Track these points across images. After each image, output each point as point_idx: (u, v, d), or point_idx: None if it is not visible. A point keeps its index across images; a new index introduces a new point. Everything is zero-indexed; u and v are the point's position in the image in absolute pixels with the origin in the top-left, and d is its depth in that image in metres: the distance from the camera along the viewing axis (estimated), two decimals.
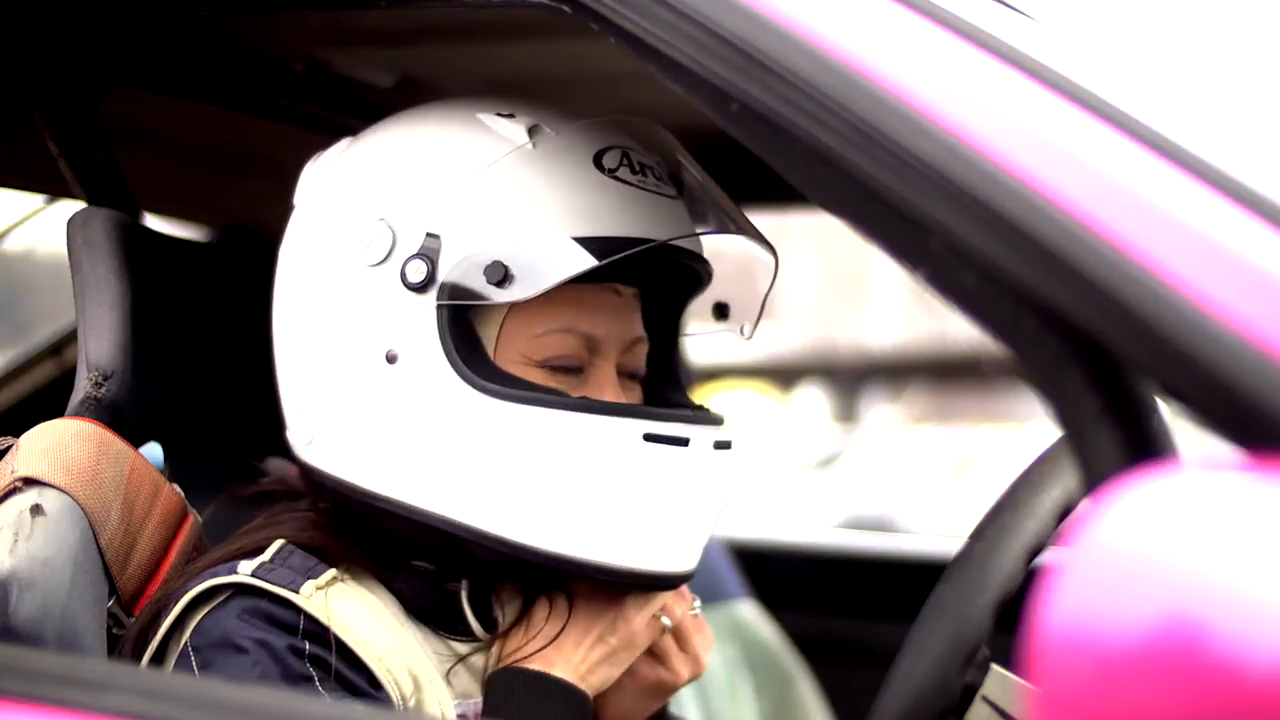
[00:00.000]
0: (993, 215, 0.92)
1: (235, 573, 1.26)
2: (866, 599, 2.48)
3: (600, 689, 1.34)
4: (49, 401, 1.48)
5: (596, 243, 1.24)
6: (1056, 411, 0.93)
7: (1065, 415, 0.92)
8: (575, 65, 1.74)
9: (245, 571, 1.26)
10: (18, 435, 1.34)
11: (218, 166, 2.14)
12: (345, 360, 1.29)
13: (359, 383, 1.28)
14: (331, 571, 1.28)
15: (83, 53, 1.63)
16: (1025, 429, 10.91)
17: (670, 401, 1.41)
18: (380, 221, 1.28)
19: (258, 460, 1.52)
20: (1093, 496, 0.89)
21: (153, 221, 1.71)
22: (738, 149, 1.06)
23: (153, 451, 1.47)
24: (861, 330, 15.99)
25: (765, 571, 2.40)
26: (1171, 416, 0.92)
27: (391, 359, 1.26)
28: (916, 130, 0.96)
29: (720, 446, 1.31)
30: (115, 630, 1.33)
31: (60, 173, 1.60)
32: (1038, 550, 1.15)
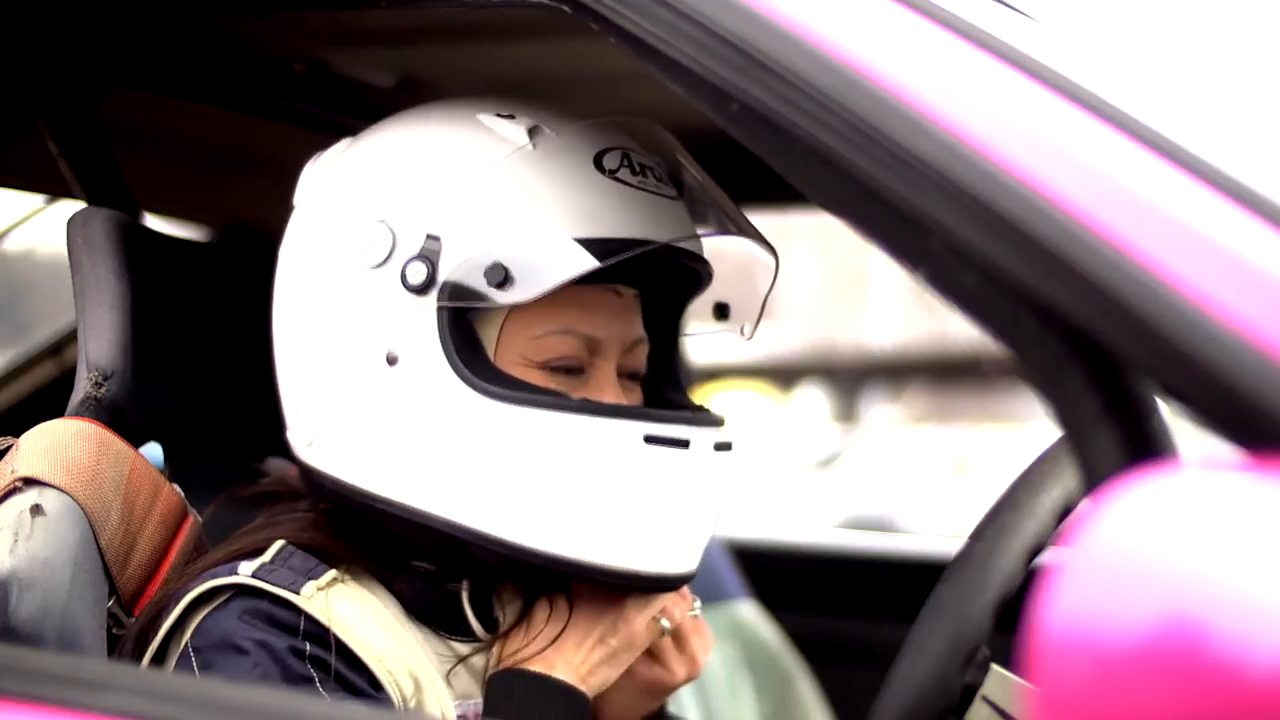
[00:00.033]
0: (993, 215, 0.92)
1: (236, 574, 1.26)
2: (866, 599, 2.48)
3: (600, 690, 1.34)
4: (49, 401, 1.48)
5: (598, 244, 1.24)
6: (1056, 411, 0.93)
7: (1065, 415, 0.92)
8: (575, 65, 1.74)
9: (246, 572, 1.26)
10: (18, 435, 1.34)
11: (218, 166, 2.14)
12: (345, 362, 1.29)
13: (359, 385, 1.28)
14: (332, 572, 1.28)
15: (83, 53, 1.63)
16: (1025, 429, 10.91)
17: (671, 402, 1.41)
18: (380, 223, 1.28)
19: (257, 460, 1.52)
20: (1093, 496, 0.89)
21: (153, 221, 1.71)
22: (738, 149, 1.06)
23: (153, 451, 1.47)
24: (861, 330, 15.98)
25: (765, 571, 2.40)
26: (1171, 416, 0.92)
27: (392, 361, 1.26)
28: (916, 130, 0.96)
29: (721, 448, 1.31)
30: (115, 630, 1.33)
31: (60, 173, 1.60)
32: (1038, 550, 1.15)
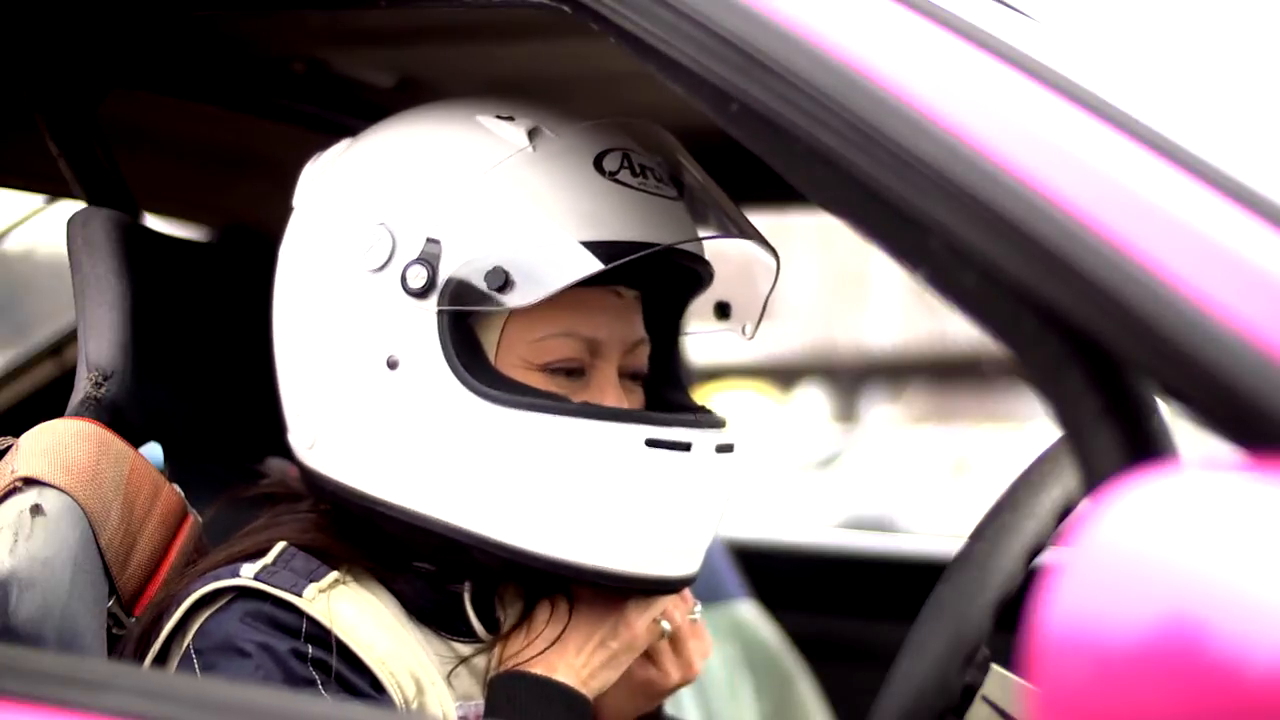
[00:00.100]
0: (993, 215, 0.92)
1: (238, 576, 1.26)
2: (866, 599, 2.48)
3: (600, 692, 1.33)
4: (49, 401, 1.48)
5: (601, 247, 1.24)
6: (1056, 411, 0.93)
7: (1065, 415, 0.92)
8: (575, 65, 1.74)
9: (247, 575, 1.26)
10: (18, 435, 1.34)
11: (218, 166, 2.14)
12: (346, 366, 1.29)
13: (360, 388, 1.28)
14: (334, 574, 1.27)
15: (83, 53, 1.63)
16: (1025, 429, 10.90)
17: (672, 402, 1.41)
18: (380, 226, 1.27)
19: (257, 461, 1.52)
20: (1093, 496, 0.89)
21: (153, 221, 1.71)
22: (738, 149, 1.06)
23: (153, 451, 1.47)
24: (861, 330, 15.98)
25: (765, 571, 2.40)
26: (1171, 416, 0.92)
27: (392, 365, 1.26)
28: (916, 130, 0.96)
29: (722, 450, 1.30)
30: (115, 630, 1.33)
31: (60, 173, 1.60)
32: (1038, 550, 1.15)
